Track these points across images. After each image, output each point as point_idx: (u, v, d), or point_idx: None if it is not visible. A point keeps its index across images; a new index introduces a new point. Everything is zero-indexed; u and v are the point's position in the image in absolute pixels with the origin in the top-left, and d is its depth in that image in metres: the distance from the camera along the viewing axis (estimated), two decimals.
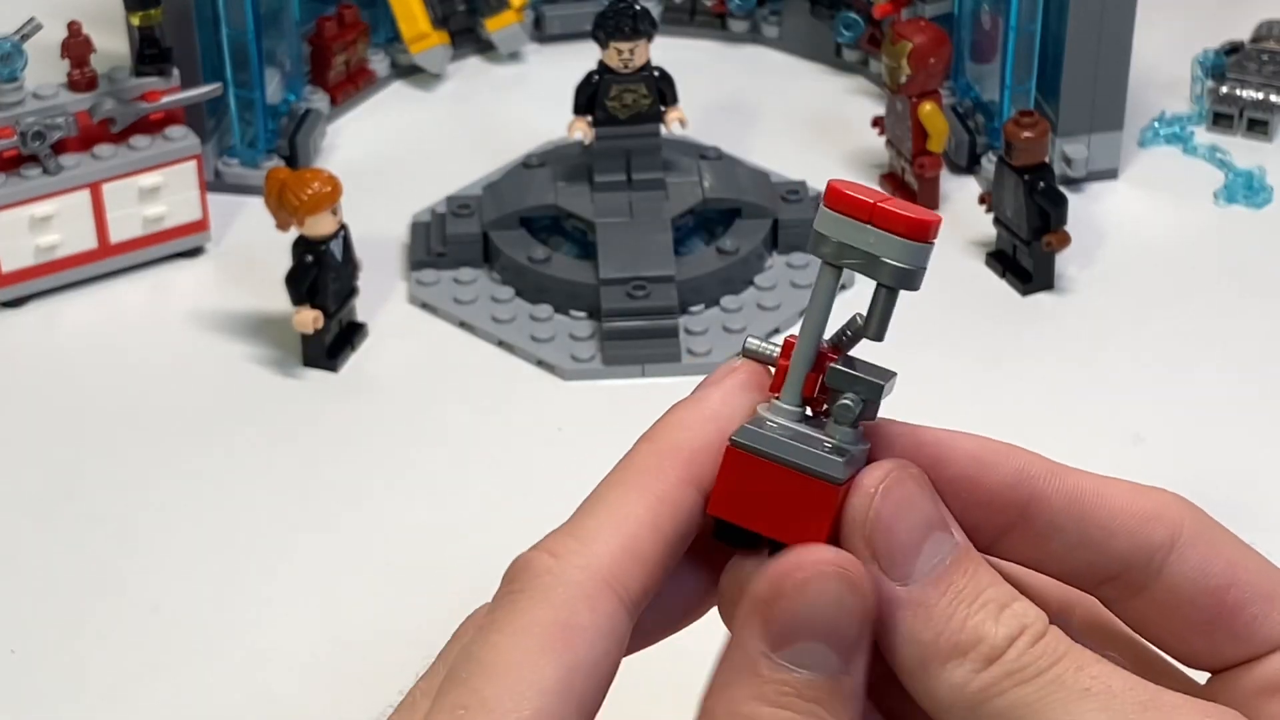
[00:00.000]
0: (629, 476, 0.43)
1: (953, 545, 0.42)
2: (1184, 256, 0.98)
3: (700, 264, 0.94)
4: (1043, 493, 0.44)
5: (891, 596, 0.41)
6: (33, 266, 0.95)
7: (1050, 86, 1.01)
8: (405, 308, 0.95)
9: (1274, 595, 0.44)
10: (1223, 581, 0.44)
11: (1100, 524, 0.44)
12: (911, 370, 0.94)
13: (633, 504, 0.42)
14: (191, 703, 0.73)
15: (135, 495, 0.83)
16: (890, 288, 0.43)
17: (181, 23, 0.98)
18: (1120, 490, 0.45)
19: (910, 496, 0.42)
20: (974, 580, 0.42)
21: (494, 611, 0.41)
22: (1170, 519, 0.44)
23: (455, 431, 0.87)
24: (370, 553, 0.80)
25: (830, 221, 0.43)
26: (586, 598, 0.41)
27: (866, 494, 0.42)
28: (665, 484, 0.43)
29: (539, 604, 0.40)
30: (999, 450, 0.45)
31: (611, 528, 0.42)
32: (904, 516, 0.42)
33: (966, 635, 0.41)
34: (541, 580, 0.41)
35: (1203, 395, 0.88)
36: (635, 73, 0.95)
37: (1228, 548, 0.45)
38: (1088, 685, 0.40)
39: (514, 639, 0.40)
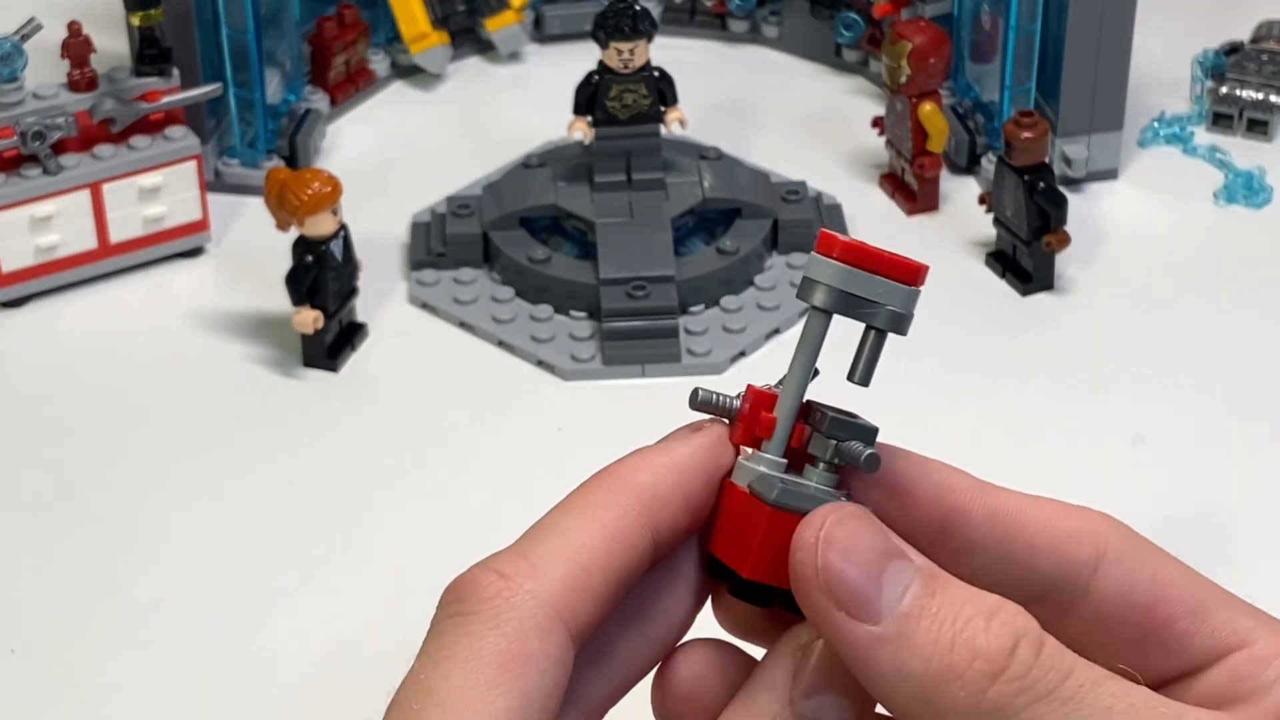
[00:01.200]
0: (586, 506, 0.43)
1: (914, 570, 0.41)
2: (1184, 256, 0.98)
3: (700, 264, 0.94)
4: (963, 507, 0.44)
5: (868, 638, 0.40)
6: (33, 266, 0.95)
7: (1050, 86, 1.01)
8: (405, 308, 0.95)
9: (1202, 609, 0.44)
10: (1150, 597, 0.43)
11: (1023, 541, 0.44)
12: (911, 370, 0.95)
13: (587, 535, 0.42)
14: (191, 703, 0.73)
15: (135, 495, 0.83)
16: (883, 332, 0.43)
17: (181, 23, 0.98)
18: (1044, 508, 0.44)
19: (853, 534, 0.41)
20: (948, 597, 0.41)
21: (443, 635, 0.40)
22: (1095, 536, 0.44)
23: (455, 431, 0.87)
24: (370, 552, 0.80)
25: (832, 271, 0.43)
26: (537, 626, 0.40)
27: (809, 546, 0.41)
28: (621, 521, 0.42)
29: (489, 630, 0.40)
30: (921, 464, 0.44)
31: (563, 555, 0.41)
32: (854, 556, 0.41)
33: (958, 654, 0.40)
34: (492, 604, 0.40)
35: (1203, 395, 0.88)
36: (635, 73, 0.95)
37: (1155, 563, 0.44)
38: (1109, 703, 0.40)
39: (465, 667, 0.39)
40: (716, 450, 0.44)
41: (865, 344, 0.43)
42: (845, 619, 0.40)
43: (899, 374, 0.89)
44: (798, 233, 0.97)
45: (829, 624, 0.41)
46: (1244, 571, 0.77)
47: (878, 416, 0.46)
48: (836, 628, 0.40)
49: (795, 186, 1.00)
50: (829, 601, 0.41)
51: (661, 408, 0.88)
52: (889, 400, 0.93)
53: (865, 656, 0.40)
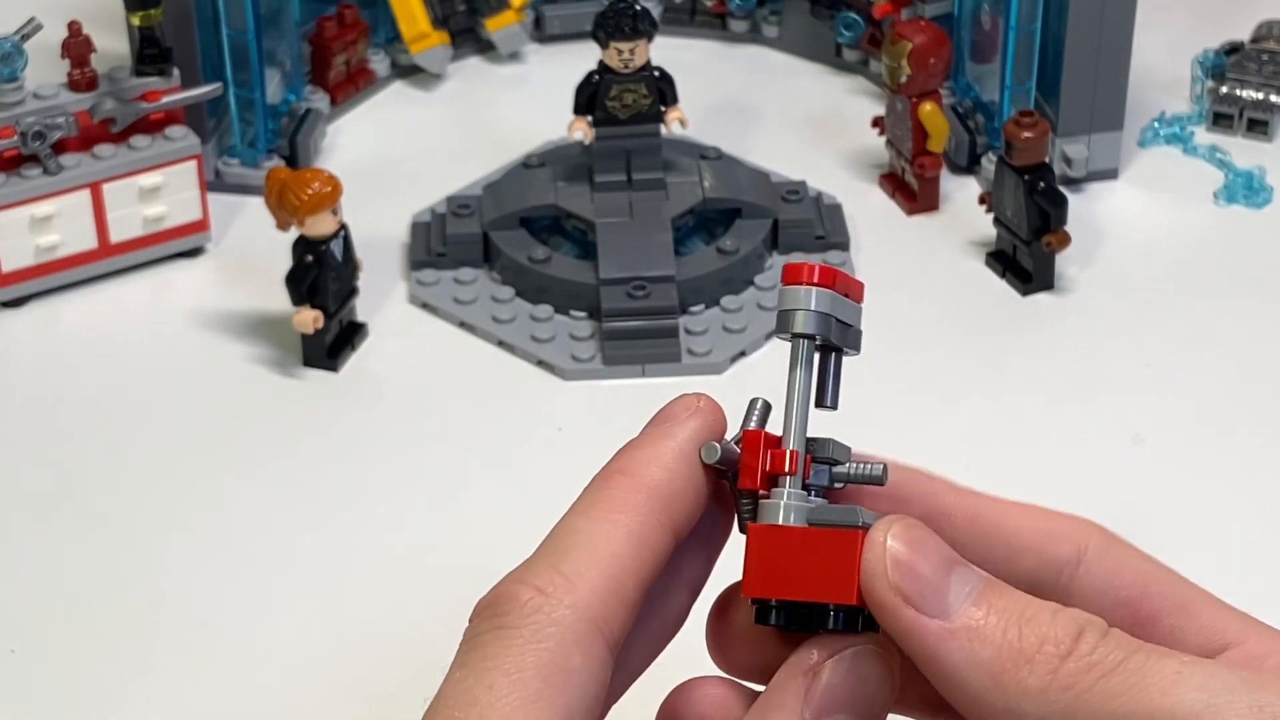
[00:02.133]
0: (609, 512, 0.43)
1: (978, 577, 0.42)
2: (1184, 256, 0.98)
3: (700, 264, 0.94)
4: (944, 509, 0.45)
5: (939, 631, 0.41)
6: (33, 266, 0.95)
7: (1050, 86, 1.01)
8: (405, 308, 0.95)
9: (1189, 606, 0.44)
10: (1134, 592, 0.44)
11: (1004, 541, 0.45)
12: (911, 370, 0.95)
13: (616, 543, 0.42)
14: (191, 703, 0.73)
15: (135, 495, 0.83)
16: (843, 353, 0.44)
17: (182, 23, 0.98)
18: (1023, 511, 0.46)
19: (921, 539, 0.42)
20: (1013, 598, 0.42)
21: (485, 645, 0.41)
22: (1074, 536, 0.45)
23: (455, 431, 0.87)
24: (370, 552, 0.80)
25: (806, 297, 0.44)
26: (577, 640, 0.41)
27: (879, 544, 0.42)
28: (645, 524, 0.43)
29: (532, 644, 0.40)
30: (899, 470, 0.45)
31: (596, 567, 0.42)
32: (923, 556, 0.42)
33: (1027, 640, 0.41)
34: (532, 619, 0.41)
35: (1203, 395, 0.88)
36: (635, 73, 0.95)
37: (1137, 561, 0.45)
38: (1178, 670, 0.40)
39: (509, 679, 0.40)
40: (713, 429, 0.45)
41: (828, 368, 0.44)
42: (915, 614, 0.41)
43: (899, 374, 0.89)
44: (798, 233, 0.97)
45: (899, 620, 0.42)
46: (1244, 572, 0.77)
47: (878, 417, 0.46)
48: (907, 623, 0.41)
49: (795, 186, 1.00)
50: (898, 599, 0.41)
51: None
52: (889, 400, 0.92)
53: (936, 649, 0.41)
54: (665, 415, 0.45)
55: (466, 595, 0.44)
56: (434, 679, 0.77)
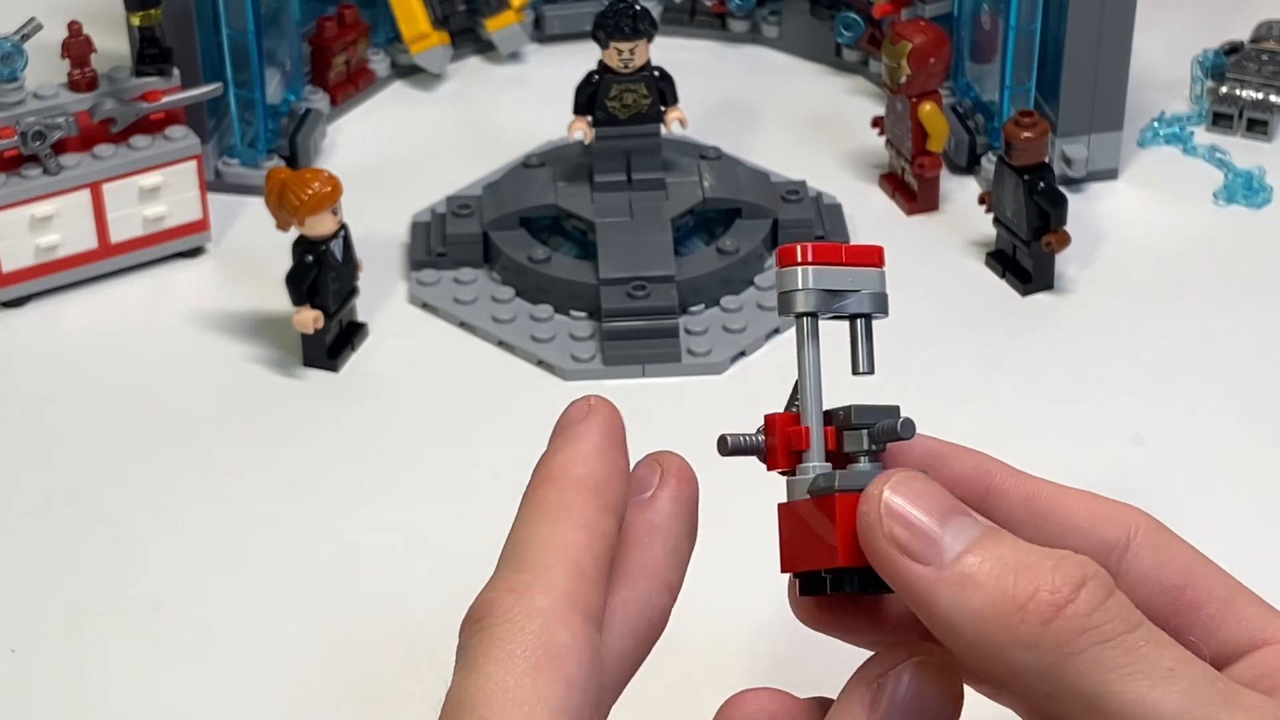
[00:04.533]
0: (549, 511, 0.44)
1: (978, 526, 0.42)
2: (1184, 256, 0.98)
3: (700, 264, 0.94)
4: (1000, 487, 0.45)
5: (930, 578, 0.41)
6: (33, 266, 0.95)
7: (1050, 86, 1.01)
8: (405, 308, 0.95)
9: (1232, 599, 0.44)
10: (1179, 580, 0.44)
11: (1058, 521, 0.45)
12: (912, 370, 0.95)
13: (565, 533, 0.43)
14: (191, 702, 0.73)
15: (135, 495, 0.83)
16: (870, 316, 0.45)
17: (182, 23, 0.98)
18: (1076, 495, 0.46)
19: (918, 489, 0.43)
20: (1013, 546, 0.41)
21: (474, 647, 0.41)
22: (1125, 521, 0.45)
23: (455, 431, 0.87)
24: (370, 552, 0.80)
25: (802, 277, 0.44)
26: (559, 620, 0.41)
27: (873, 498, 0.42)
28: (586, 512, 0.44)
29: (517, 633, 0.41)
30: (958, 449, 0.46)
31: (556, 558, 0.43)
32: (918, 505, 0.42)
33: (1023, 587, 0.40)
34: (512, 613, 0.41)
35: (1203, 395, 0.88)
36: (635, 73, 0.95)
37: (1184, 552, 0.45)
38: (1171, 666, 0.40)
39: (505, 666, 0.40)
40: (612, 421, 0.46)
41: (856, 335, 0.45)
42: (908, 562, 0.41)
43: (899, 374, 0.89)
44: (798, 233, 0.97)
45: (893, 569, 0.42)
46: (1244, 572, 0.77)
47: None
48: (899, 571, 0.42)
49: (795, 186, 1.00)
50: (892, 547, 0.42)
51: (661, 408, 0.89)
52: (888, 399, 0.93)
53: (928, 596, 0.41)
54: (565, 422, 0.47)
55: (467, 595, 0.44)
56: (434, 678, 0.77)
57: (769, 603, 0.45)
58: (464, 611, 0.43)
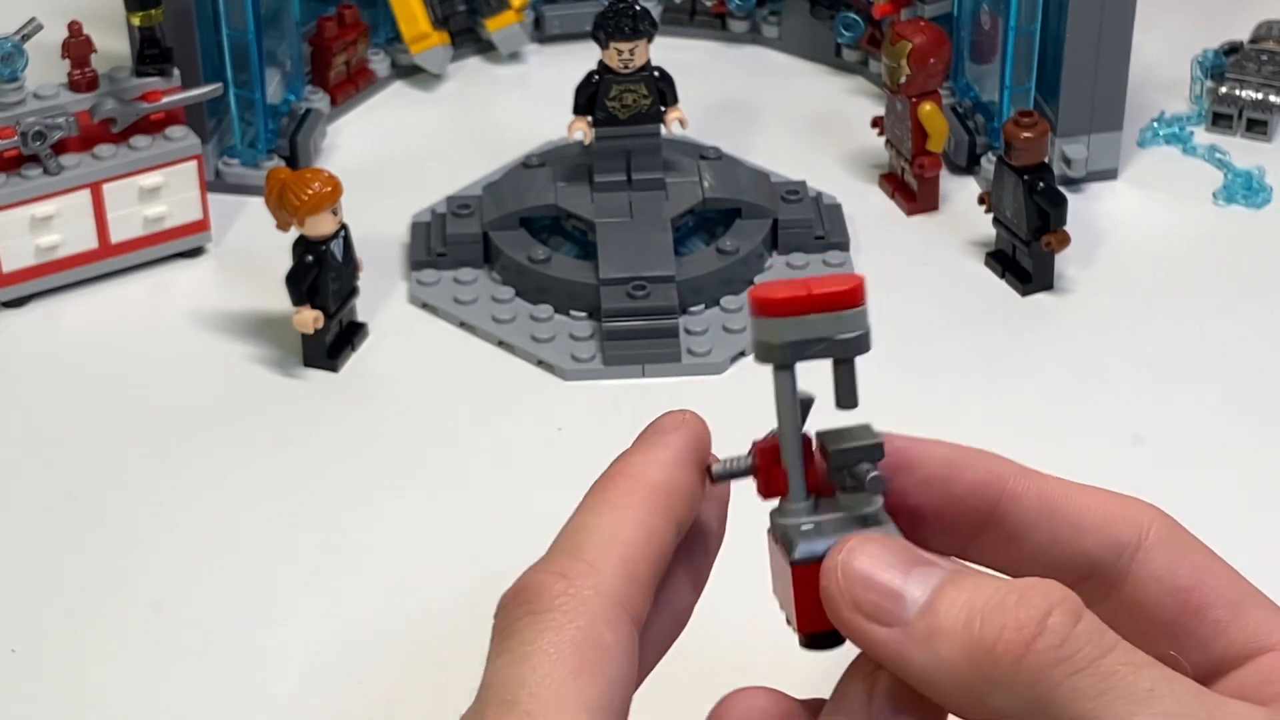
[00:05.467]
0: (616, 506, 0.44)
1: (939, 573, 0.42)
2: (1184, 256, 0.98)
3: (700, 264, 0.94)
4: (1013, 492, 0.45)
5: (899, 639, 0.41)
6: (33, 266, 0.95)
7: (1050, 86, 1.01)
8: (405, 308, 0.95)
9: (1240, 603, 0.44)
10: (1188, 583, 0.44)
11: (1070, 522, 0.45)
12: (912, 370, 0.95)
13: (627, 531, 0.43)
14: (191, 703, 0.73)
15: (135, 495, 0.83)
16: (849, 360, 0.44)
17: (182, 23, 0.98)
18: (1089, 493, 0.46)
19: (873, 552, 0.42)
20: (975, 584, 0.41)
21: (520, 631, 0.41)
22: (1138, 520, 0.45)
23: (455, 431, 0.87)
24: (371, 552, 0.80)
25: (771, 329, 0.44)
26: (606, 619, 0.42)
27: (831, 570, 0.42)
28: (651, 516, 0.44)
29: (565, 625, 0.41)
30: (969, 454, 0.46)
31: (612, 552, 0.43)
32: (878, 566, 0.42)
33: (989, 630, 0.40)
34: (560, 602, 0.41)
35: (1203, 395, 0.88)
36: (635, 73, 0.95)
37: (1195, 553, 0.45)
38: (1150, 687, 0.39)
39: (550, 660, 0.41)
40: (701, 438, 0.46)
41: (841, 373, 0.44)
42: (875, 627, 0.41)
43: (899, 374, 0.90)
44: (798, 233, 0.97)
45: (862, 637, 0.42)
46: (1244, 572, 0.77)
47: (878, 417, 0.46)
48: (869, 638, 0.41)
49: (795, 186, 1.00)
50: (858, 615, 0.42)
51: (661, 408, 0.88)
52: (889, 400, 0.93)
53: (900, 656, 0.41)
54: (655, 428, 0.46)
55: (467, 594, 0.44)
56: (435, 677, 0.77)
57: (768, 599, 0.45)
58: (463, 611, 0.43)
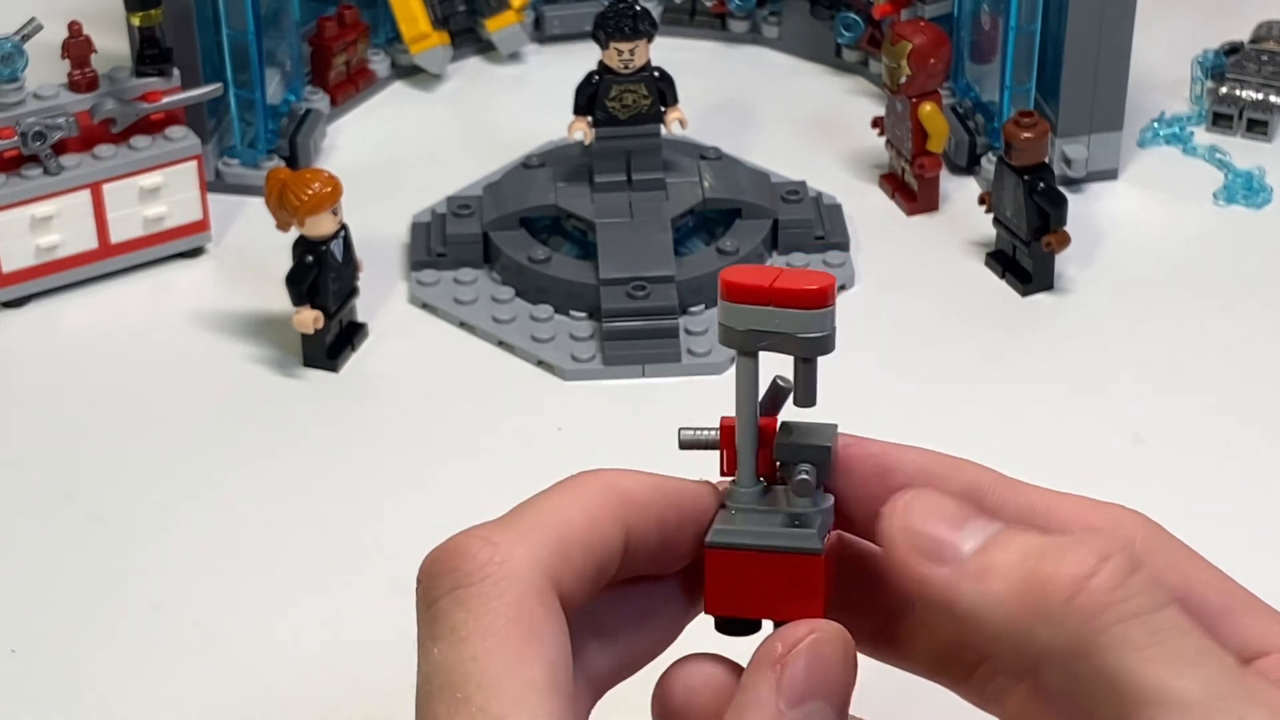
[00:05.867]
0: (564, 491, 0.44)
1: (994, 524, 0.42)
2: (1184, 256, 0.98)
3: (700, 264, 0.94)
4: (992, 505, 0.45)
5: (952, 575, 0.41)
6: (33, 266, 0.95)
7: (1050, 87, 1.01)
8: (405, 308, 0.95)
9: (1229, 610, 0.44)
10: (1176, 594, 0.43)
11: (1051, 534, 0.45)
12: (911, 370, 0.95)
13: (566, 512, 0.43)
14: (192, 703, 0.73)
15: (135, 495, 0.83)
16: (807, 359, 0.44)
17: (182, 23, 0.98)
18: (1071, 504, 0.45)
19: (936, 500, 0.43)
20: (1032, 536, 0.41)
21: (449, 614, 0.41)
22: (1123, 531, 0.44)
23: (455, 431, 0.87)
24: (370, 552, 0.80)
25: (732, 313, 0.44)
26: (535, 591, 0.41)
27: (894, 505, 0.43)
28: (597, 507, 0.44)
29: (495, 601, 0.41)
30: (949, 463, 0.46)
31: (545, 526, 0.43)
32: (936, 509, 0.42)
33: (1046, 566, 0.40)
34: (487, 571, 0.41)
35: (1203, 395, 0.88)
36: (635, 73, 0.95)
37: (1183, 562, 0.45)
38: (1194, 652, 0.39)
39: (487, 645, 0.40)
40: (702, 494, 0.46)
41: (799, 372, 0.45)
42: (928, 565, 0.42)
43: (899, 374, 0.89)
44: (798, 233, 0.97)
45: (917, 575, 0.42)
46: (1244, 572, 0.77)
47: (877, 416, 0.46)
48: (922, 574, 0.42)
49: (795, 186, 1.00)
50: (915, 554, 0.42)
51: (661, 408, 0.89)
52: (889, 400, 0.93)
53: (951, 594, 0.41)
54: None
55: None
56: None
57: None
58: None
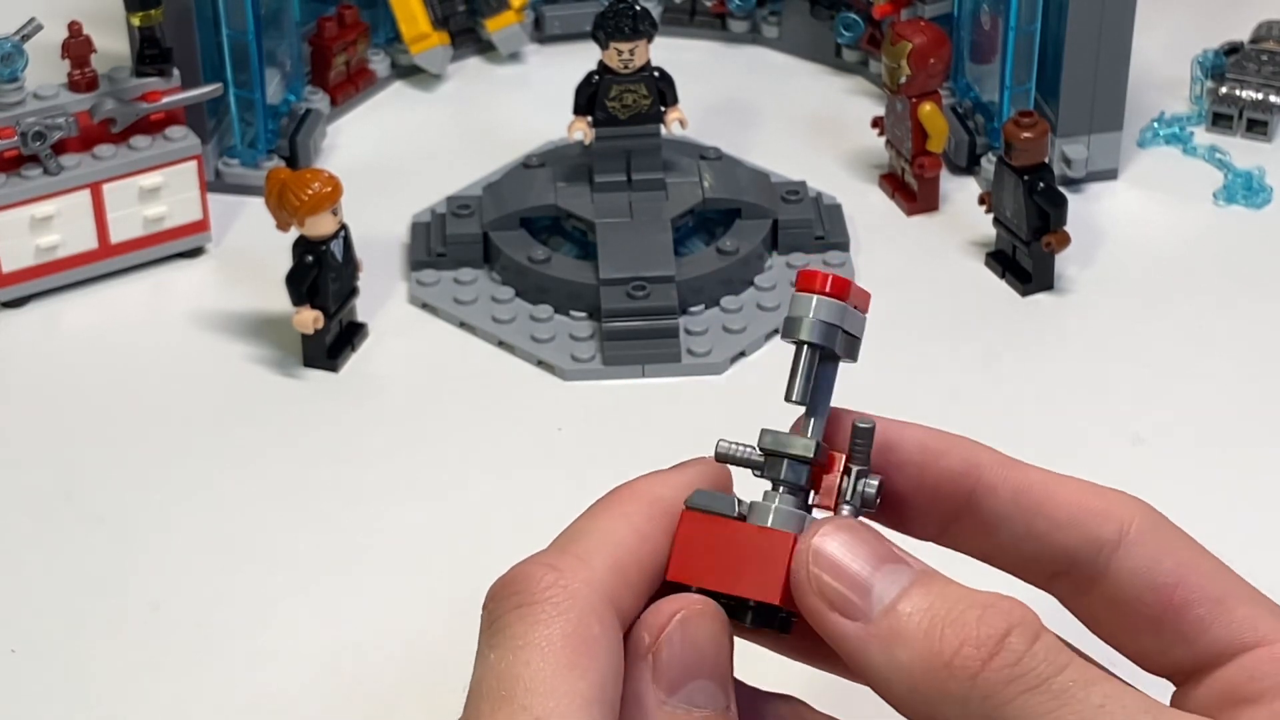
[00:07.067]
0: (613, 514, 0.44)
1: (910, 572, 0.42)
2: (1184, 256, 0.98)
3: (700, 264, 0.94)
4: (989, 483, 0.45)
5: (859, 634, 0.41)
6: (33, 266, 0.95)
7: (1050, 87, 1.01)
8: (405, 308, 0.95)
9: (1223, 599, 0.44)
10: (1170, 580, 0.44)
11: (1047, 516, 0.45)
12: (911, 370, 0.95)
13: (621, 534, 0.43)
14: (191, 703, 0.73)
15: (135, 495, 0.83)
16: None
17: (182, 23, 0.98)
18: (1070, 486, 0.45)
19: (850, 540, 0.42)
20: (941, 593, 0.41)
21: (511, 625, 0.41)
22: (1119, 516, 0.44)
23: (455, 431, 0.87)
24: (370, 552, 0.80)
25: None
26: (594, 612, 0.42)
27: (804, 550, 0.42)
28: (647, 525, 0.44)
29: (556, 617, 0.41)
30: (948, 440, 0.46)
31: (604, 551, 0.43)
32: (848, 557, 0.42)
33: (946, 641, 0.40)
34: (550, 593, 0.42)
35: (1203, 395, 0.88)
36: (635, 73, 0.95)
37: (1180, 549, 0.44)
38: (1101, 702, 0.39)
39: (543, 653, 0.41)
40: (719, 478, 0.46)
41: (813, 369, 0.45)
42: (838, 619, 0.41)
43: (899, 374, 0.89)
44: (798, 233, 0.97)
45: (824, 625, 0.42)
46: (1243, 572, 0.77)
47: (876, 415, 0.46)
48: (830, 627, 0.42)
49: (795, 186, 1.00)
50: (822, 604, 0.42)
51: (661, 408, 0.89)
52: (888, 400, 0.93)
53: (859, 651, 0.41)
54: (686, 461, 0.47)
55: (466, 594, 0.44)
56: (435, 678, 0.77)
57: None
58: (462, 611, 0.43)
